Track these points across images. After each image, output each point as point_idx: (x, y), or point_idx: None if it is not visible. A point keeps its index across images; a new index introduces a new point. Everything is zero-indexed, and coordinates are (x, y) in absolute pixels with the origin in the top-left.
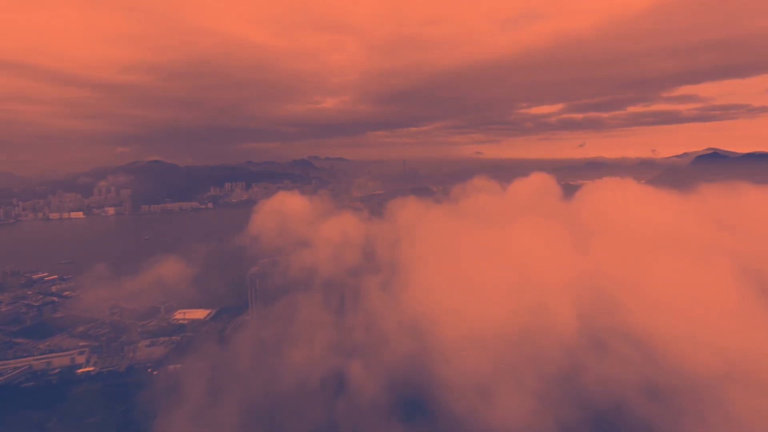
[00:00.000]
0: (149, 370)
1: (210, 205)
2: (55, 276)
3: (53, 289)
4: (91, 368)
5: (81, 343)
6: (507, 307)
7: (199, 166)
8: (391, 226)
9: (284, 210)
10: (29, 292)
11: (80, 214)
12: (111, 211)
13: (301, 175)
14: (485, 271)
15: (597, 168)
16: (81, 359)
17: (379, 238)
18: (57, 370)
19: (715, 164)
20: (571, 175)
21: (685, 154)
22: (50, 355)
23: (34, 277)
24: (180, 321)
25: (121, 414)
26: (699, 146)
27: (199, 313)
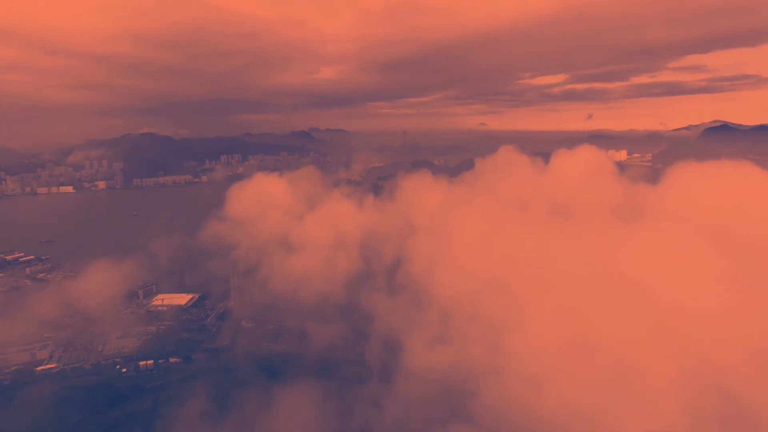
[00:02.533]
0: (117, 367)
1: (204, 178)
2: (32, 257)
3: (27, 271)
4: (53, 365)
5: (46, 335)
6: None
7: (194, 138)
8: (401, 215)
9: (264, 196)
10: (0, 275)
11: (70, 189)
12: (102, 185)
13: (298, 146)
14: (603, 304)
15: (601, 140)
16: (43, 354)
17: (386, 237)
18: (14, 368)
19: (724, 137)
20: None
21: (691, 126)
22: (9, 350)
23: (8, 258)
24: (159, 308)
25: (73, 427)
26: (706, 118)
27: (180, 299)
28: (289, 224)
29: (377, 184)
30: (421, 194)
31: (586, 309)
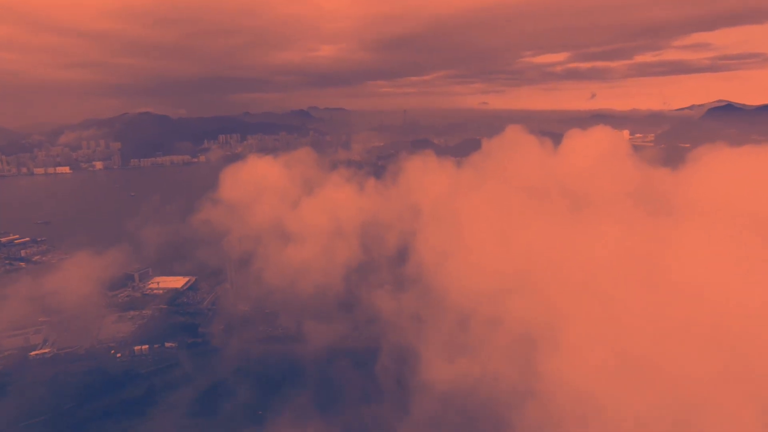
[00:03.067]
0: (112, 352)
1: (203, 158)
2: (27, 238)
3: (22, 253)
4: (46, 350)
5: (41, 319)
6: None
7: (192, 118)
8: (405, 201)
9: (258, 179)
10: None
11: (67, 169)
12: (99, 165)
13: (298, 126)
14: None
15: (604, 120)
16: (37, 339)
17: (390, 224)
18: (7, 353)
19: (729, 117)
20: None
21: (694, 106)
22: (1, 335)
23: (3, 240)
24: (154, 291)
25: (66, 414)
26: (710, 98)
27: (176, 282)
28: (285, 210)
29: (378, 165)
30: (426, 177)
31: (631, 317)
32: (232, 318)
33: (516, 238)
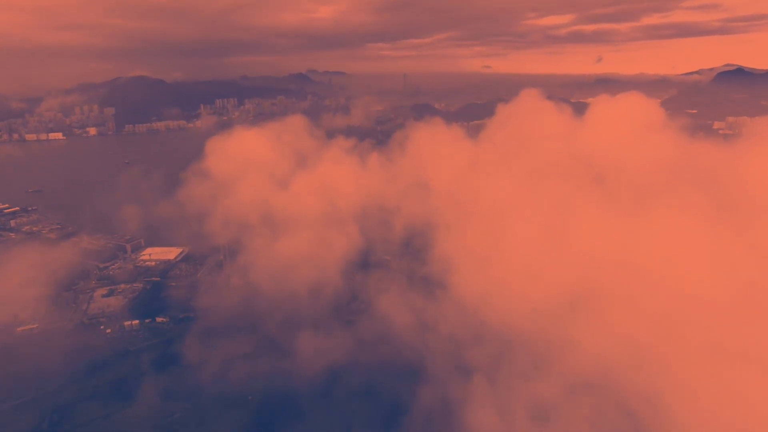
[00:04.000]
0: (102, 327)
1: (199, 123)
2: (17, 208)
3: (12, 223)
4: (34, 325)
5: (29, 293)
6: None
7: (188, 81)
8: (415, 177)
9: (248, 152)
10: None
11: (59, 135)
12: (93, 131)
13: (296, 90)
14: None
15: (610, 85)
16: (24, 314)
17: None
18: None
19: (739, 82)
20: (580, 94)
21: (702, 70)
22: None
23: None
24: (146, 263)
25: (50, 395)
26: (719, 62)
27: (169, 253)
28: (275, 189)
29: (379, 132)
30: (437, 149)
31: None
32: (225, 292)
33: (564, 232)
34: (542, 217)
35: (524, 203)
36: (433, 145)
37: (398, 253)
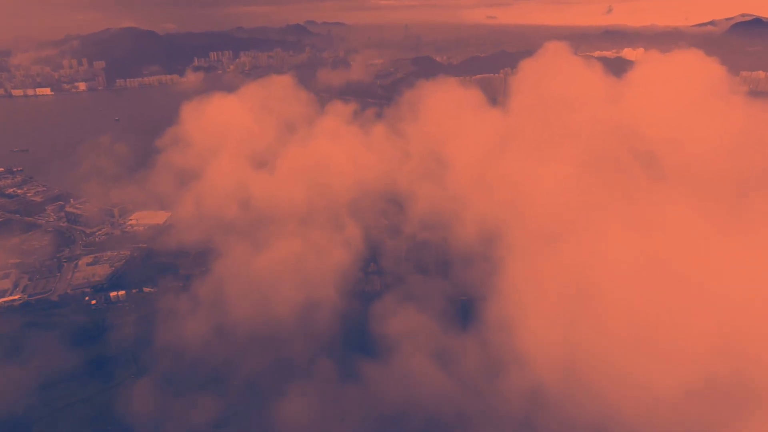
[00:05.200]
0: (87, 298)
1: (192, 77)
2: (2, 169)
3: None
4: (16, 296)
5: (11, 261)
6: None
7: (181, 33)
8: (429, 157)
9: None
10: None
11: (48, 91)
12: (82, 86)
13: (294, 42)
14: None
15: (618, 37)
16: (6, 284)
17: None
18: None
19: (756, 33)
20: (587, 47)
21: (715, 21)
22: None
23: None
24: (134, 228)
25: (29, 373)
26: (734, 12)
27: (158, 217)
28: (257, 174)
29: (379, 87)
30: (453, 117)
31: None
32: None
33: (673, 257)
34: (627, 229)
35: (591, 202)
36: (448, 111)
37: (414, 264)
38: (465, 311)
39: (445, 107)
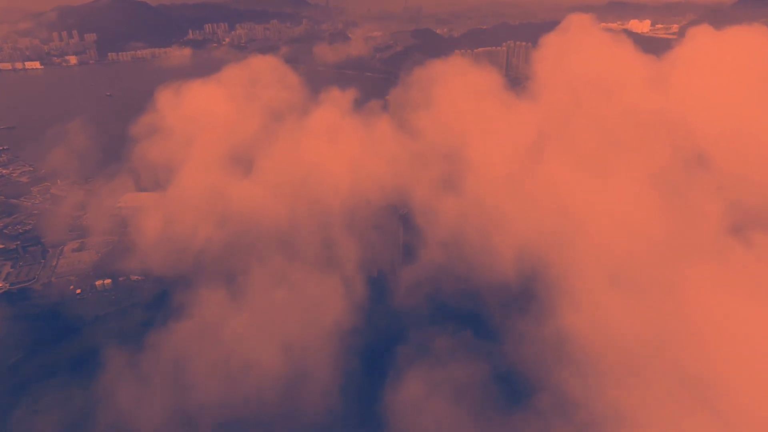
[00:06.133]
0: (71, 287)
1: (187, 51)
2: None
3: None
4: None
5: None
6: None
7: (176, 4)
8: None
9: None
10: None
11: (37, 64)
12: (73, 60)
13: (291, 14)
14: None
15: (622, 8)
16: None
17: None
18: None
19: (766, 3)
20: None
21: None
22: None
23: None
24: (123, 210)
25: (9, 370)
26: None
27: (147, 200)
28: (235, 184)
29: (378, 61)
30: (468, 104)
31: None
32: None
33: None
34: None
35: (675, 237)
36: (463, 98)
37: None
38: (509, 388)
39: (460, 93)
